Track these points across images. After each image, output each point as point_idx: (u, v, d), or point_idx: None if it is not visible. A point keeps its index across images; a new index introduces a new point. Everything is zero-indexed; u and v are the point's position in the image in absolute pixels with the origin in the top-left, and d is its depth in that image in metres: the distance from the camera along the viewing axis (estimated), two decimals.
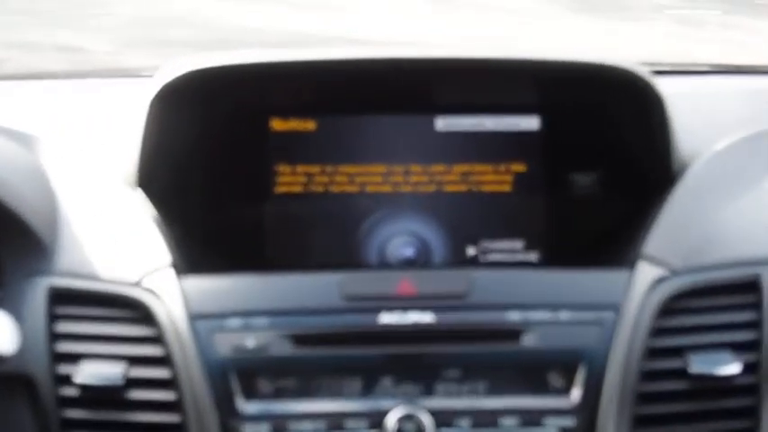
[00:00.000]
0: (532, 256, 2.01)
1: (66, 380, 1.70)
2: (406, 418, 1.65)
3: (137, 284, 1.74)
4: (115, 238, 1.81)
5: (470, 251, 2.01)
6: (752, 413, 1.70)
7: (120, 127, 1.96)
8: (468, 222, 2.01)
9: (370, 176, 2.02)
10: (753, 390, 1.71)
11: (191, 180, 1.99)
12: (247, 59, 1.88)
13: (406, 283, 1.73)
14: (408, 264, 2.00)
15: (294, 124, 2.02)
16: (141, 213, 1.84)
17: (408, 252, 2.00)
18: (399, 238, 2.01)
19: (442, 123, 2.03)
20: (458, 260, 2.00)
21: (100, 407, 1.70)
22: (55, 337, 1.72)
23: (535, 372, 1.70)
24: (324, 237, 2.01)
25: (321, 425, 1.66)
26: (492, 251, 2.01)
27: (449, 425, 1.66)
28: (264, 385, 1.69)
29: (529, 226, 2.02)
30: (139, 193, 1.88)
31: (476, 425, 1.66)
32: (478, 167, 2.03)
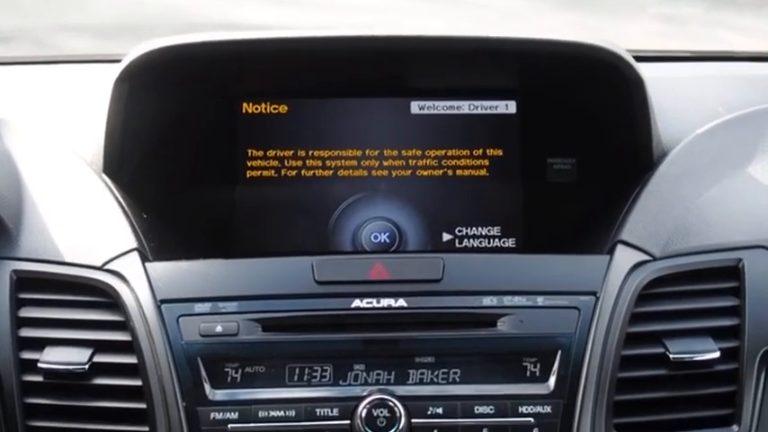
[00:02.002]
0: (509, 243, 1.98)
1: (30, 366, 1.66)
2: (379, 405, 1.60)
3: (102, 269, 1.70)
4: (81, 222, 1.77)
5: (446, 237, 1.97)
6: (733, 400, 1.67)
7: (88, 111, 1.92)
8: (443, 208, 1.98)
9: (343, 161, 1.98)
10: (733, 376, 1.67)
11: (159, 164, 1.94)
12: (214, 38, 1.84)
13: (379, 267, 1.69)
14: (382, 249, 1.96)
15: (265, 107, 1.98)
16: (108, 198, 1.80)
17: (382, 238, 1.96)
18: (373, 223, 1.97)
19: (417, 107, 2.00)
20: (433, 246, 1.97)
21: (64, 393, 1.66)
22: (19, 322, 1.68)
23: (511, 358, 1.65)
24: (296, 222, 1.97)
25: (291, 412, 1.62)
26: (468, 237, 1.97)
27: (422, 412, 1.61)
28: (233, 371, 1.64)
29: (505, 212, 1.98)
30: (106, 177, 1.84)
31: (450, 412, 1.62)
32: (454, 152, 1.99)
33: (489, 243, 1.97)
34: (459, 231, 1.97)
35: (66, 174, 1.84)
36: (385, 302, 1.65)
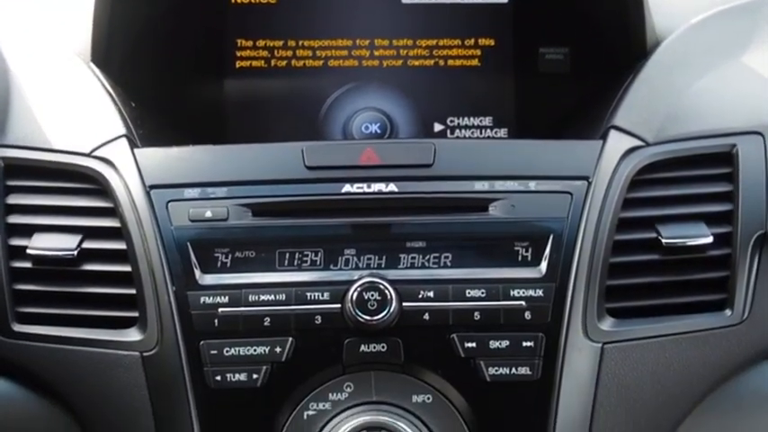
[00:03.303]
0: (501, 133, 1.96)
1: (19, 252, 1.65)
2: (370, 288, 1.59)
3: (90, 155, 1.68)
4: (68, 110, 1.76)
5: (437, 127, 1.96)
6: (725, 285, 1.66)
7: (75, 1, 1.89)
8: (434, 98, 1.96)
9: (333, 50, 1.96)
10: (726, 261, 1.67)
11: (148, 54, 1.92)
12: None
13: (369, 152, 1.67)
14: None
15: None
16: (95, 86, 1.79)
17: (373, 128, 1.95)
18: (364, 113, 1.95)
19: None
20: (425, 136, 1.95)
21: (53, 280, 1.65)
22: (7, 209, 1.67)
23: (503, 242, 1.64)
24: (286, 113, 1.95)
25: (281, 296, 1.60)
26: (459, 127, 1.96)
27: (413, 296, 1.60)
28: (223, 256, 1.63)
29: (497, 102, 1.96)
30: (94, 66, 1.82)
31: (441, 296, 1.61)
32: (445, 41, 1.97)
33: (481, 133, 1.95)
34: (451, 122, 1.95)
35: (54, 63, 1.82)
36: (375, 187, 1.64)
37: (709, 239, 1.64)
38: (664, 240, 1.63)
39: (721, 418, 1.68)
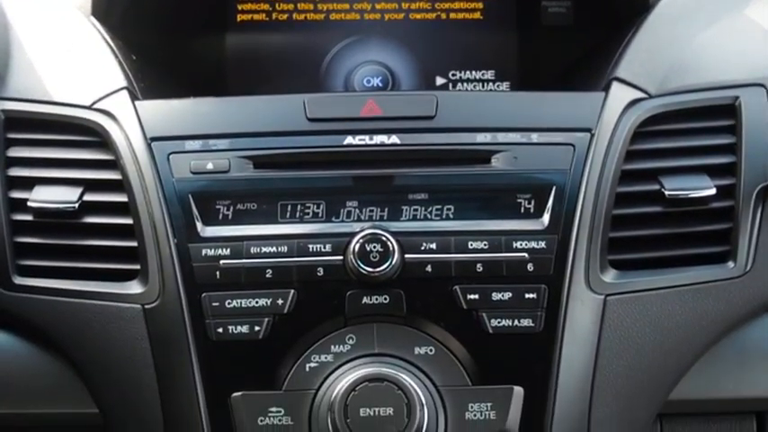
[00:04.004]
0: (503, 87, 1.95)
1: (20, 205, 1.65)
2: (372, 240, 1.58)
3: (91, 108, 1.67)
4: (69, 63, 1.75)
5: (439, 81, 1.95)
6: (728, 237, 1.66)
7: None
8: (436, 51, 1.95)
9: (335, 4, 1.95)
10: (729, 213, 1.66)
11: (148, 8, 1.92)
12: None
13: (371, 104, 1.66)
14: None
15: None
16: (96, 39, 1.78)
17: (375, 82, 1.94)
18: (366, 67, 1.94)
19: None
20: (426, 90, 1.94)
21: (54, 232, 1.64)
22: (7, 161, 1.66)
23: (505, 194, 1.63)
24: (287, 67, 1.94)
25: (283, 248, 1.60)
26: (461, 81, 1.95)
27: (415, 247, 1.60)
28: (224, 209, 1.62)
29: (499, 55, 1.95)
30: (95, 20, 1.81)
31: (443, 248, 1.60)
32: None
33: (483, 87, 1.94)
34: (453, 75, 1.94)
35: (54, 16, 1.81)
36: (378, 139, 1.63)
37: (712, 191, 1.64)
38: (667, 192, 1.63)
39: (723, 371, 1.68)
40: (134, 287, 1.61)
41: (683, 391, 1.66)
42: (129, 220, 1.62)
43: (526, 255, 1.59)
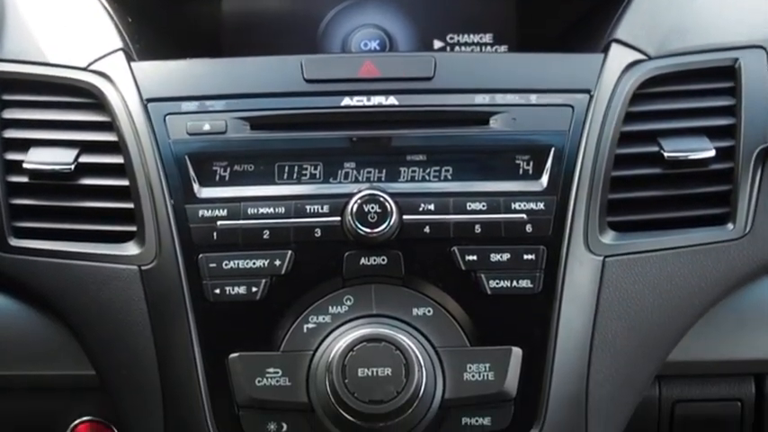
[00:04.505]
0: (501, 50, 1.94)
1: (15, 167, 1.64)
2: (370, 201, 1.58)
3: (87, 69, 1.67)
4: (64, 24, 1.74)
5: (437, 44, 1.94)
6: (728, 199, 1.66)
7: None
8: (434, 15, 1.94)
9: None
10: (728, 175, 1.66)
11: None
12: None
13: (369, 65, 1.66)
14: None
15: None
16: (92, 1, 1.76)
17: (372, 45, 1.93)
18: (363, 30, 1.94)
19: None
20: None
21: (50, 194, 1.64)
22: (3, 123, 1.66)
23: (504, 156, 1.63)
24: (284, 30, 1.93)
25: (280, 209, 1.59)
26: (459, 44, 1.94)
27: (413, 208, 1.59)
28: (221, 170, 1.62)
29: (497, 18, 1.94)
30: None
31: (441, 209, 1.59)
32: None
33: (481, 50, 1.93)
34: (451, 39, 1.93)
35: None
36: (375, 100, 1.62)
37: (712, 153, 1.63)
38: (666, 154, 1.62)
39: (722, 333, 1.68)
40: (130, 248, 1.61)
41: (681, 352, 1.66)
42: (125, 182, 1.62)
43: (525, 216, 1.59)
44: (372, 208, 1.56)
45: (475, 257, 1.58)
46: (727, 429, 1.73)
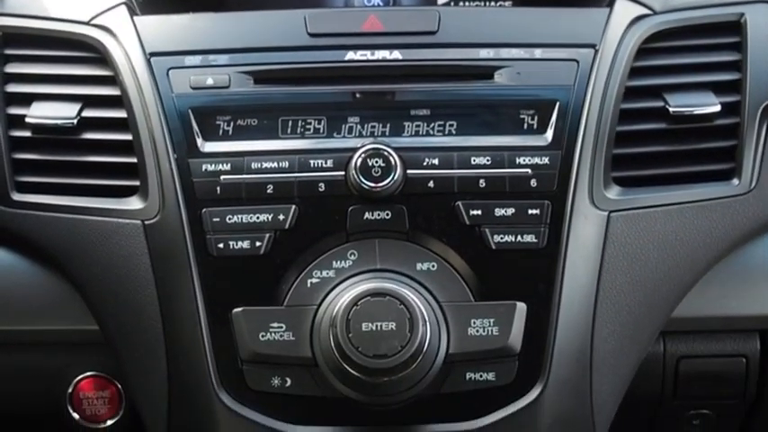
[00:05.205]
0: (506, 5, 1.93)
1: (18, 121, 1.64)
2: (374, 155, 1.57)
3: (89, 23, 1.67)
4: None
5: (441, 0, 1.92)
6: (733, 154, 1.65)
7: None
8: None
9: None
10: (734, 130, 1.66)
11: None
12: None
13: (373, 19, 1.65)
14: None
15: None
16: None
17: (376, 0, 1.91)
18: None
19: None
20: None
21: (53, 148, 1.64)
22: (5, 78, 1.66)
23: (508, 110, 1.62)
24: None
25: (284, 163, 1.59)
26: (463, 0, 1.93)
27: (418, 163, 1.58)
28: (225, 124, 1.61)
29: None
30: None
31: (446, 163, 1.59)
32: None
33: (486, 5, 1.92)
34: None
35: None
36: (379, 54, 1.62)
37: (717, 108, 1.63)
38: (671, 109, 1.62)
39: (727, 288, 1.68)
40: (134, 203, 1.61)
41: (686, 308, 1.66)
42: (128, 136, 1.61)
43: (529, 170, 1.58)
44: (376, 162, 1.56)
45: (479, 212, 1.57)
46: (731, 385, 1.73)
